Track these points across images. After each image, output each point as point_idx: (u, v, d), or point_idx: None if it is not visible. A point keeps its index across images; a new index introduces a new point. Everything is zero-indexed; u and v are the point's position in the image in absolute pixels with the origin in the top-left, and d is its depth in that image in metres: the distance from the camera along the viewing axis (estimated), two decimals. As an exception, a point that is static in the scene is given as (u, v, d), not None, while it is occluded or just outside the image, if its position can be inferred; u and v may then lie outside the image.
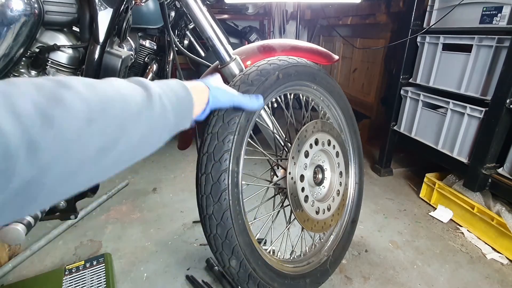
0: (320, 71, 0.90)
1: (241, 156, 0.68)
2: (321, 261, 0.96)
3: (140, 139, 0.41)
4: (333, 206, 0.92)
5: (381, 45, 2.07)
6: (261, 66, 0.75)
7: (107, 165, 0.37)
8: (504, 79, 1.11)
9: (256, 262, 0.71)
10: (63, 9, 0.74)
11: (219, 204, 0.65)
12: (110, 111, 0.36)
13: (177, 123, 0.49)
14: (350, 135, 1.06)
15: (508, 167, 1.18)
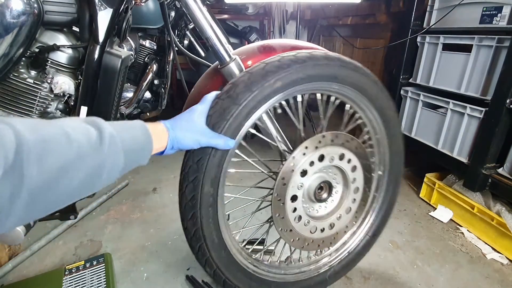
0: (343, 68, 0.76)
1: (220, 176, 0.71)
2: (320, 270, 0.95)
3: (84, 179, 0.41)
4: (338, 224, 0.86)
5: (381, 45, 2.07)
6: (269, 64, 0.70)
7: (41, 206, 0.38)
8: (504, 79, 1.11)
9: (233, 273, 0.81)
10: (62, 9, 0.74)
11: (191, 221, 0.73)
12: (50, 153, 0.37)
13: (128, 163, 0.49)
14: (387, 140, 0.90)
15: (508, 167, 1.18)
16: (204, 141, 0.65)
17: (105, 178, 0.45)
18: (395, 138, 0.91)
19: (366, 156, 0.84)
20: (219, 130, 0.66)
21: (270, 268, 0.89)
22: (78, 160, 0.39)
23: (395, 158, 0.93)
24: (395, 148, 0.92)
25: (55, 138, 0.38)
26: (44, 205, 0.38)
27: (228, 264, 0.79)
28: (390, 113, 0.87)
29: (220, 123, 0.66)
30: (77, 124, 0.42)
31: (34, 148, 0.35)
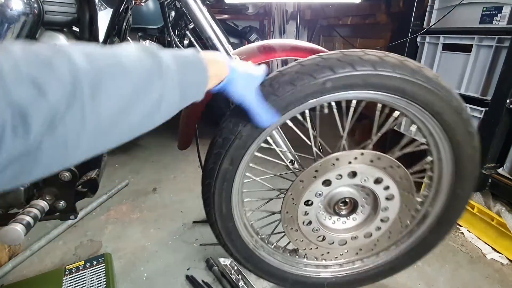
0: (412, 81, 0.64)
1: (242, 157, 0.71)
2: (320, 274, 0.94)
3: (144, 110, 0.39)
4: (351, 244, 0.81)
5: (381, 45, 2.07)
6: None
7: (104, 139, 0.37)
8: (504, 79, 1.11)
9: (232, 242, 0.84)
10: (62, 9, 0.74)
11: (206, 188, 0.76)
12: (111, 82, 0.35)
13: (183, 98, 0.46)
14: (452, 181, 0.76)
15: (508, 167, 1.18)
16: (249, 102, 0.60)
17: (165, 113, 0.43)
18: (465, 182, 0.75)
19: (411, 190, 0.74)
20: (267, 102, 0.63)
21: (271, 254, 0.90)
22: (136, 92, 0.38)
23: (455, 203, 0.78)
24: (459, 192, 0.77)
25: (110, 71, 0.36)
26: (106, 138, 0.37)
27: (230, 234, 0.82)
28: (468, 151, 0.71)
29: (270, 96, 0.64)
30: (133, 53, 0.40)
31: (91, 80, 0.33)
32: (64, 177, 0.79)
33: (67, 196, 0.82)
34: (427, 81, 0.64)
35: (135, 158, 1.97)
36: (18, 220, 0.69)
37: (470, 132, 0.69)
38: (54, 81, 0.30)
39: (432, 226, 0.83)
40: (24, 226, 0.69)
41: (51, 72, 0.31)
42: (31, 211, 0.73)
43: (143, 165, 1.88)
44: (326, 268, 0.94)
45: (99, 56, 0.35)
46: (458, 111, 0.67)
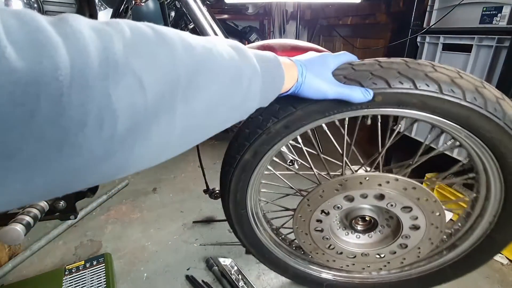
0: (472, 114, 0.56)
1: (266, 152, 0.70)
2: (321, 274, 0.94)
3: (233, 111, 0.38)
4: (360, 259, 0.79)
5: (381, 45, 2.07)
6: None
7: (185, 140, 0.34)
8: (504, 79, 1.11)
9: (241, 228, 0.85)
10: (62, 9, 0.74)
11: (224, 174, 0.77)
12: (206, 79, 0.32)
13: (262, 98, 0.44)
14: (492, 223, 0.69)
15: (508, 167, 1.18)
16: (333, 93, 0.54)
17: (243, 113, 0.41)
18: (505, 228, 0.69)
19: (440, 224, 0.68)
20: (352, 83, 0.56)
21: (277, 245, 0.91)
22: (225, 91, 0.36)
23: (487, 247, 0.73)
24: (495, 237, 0.70)
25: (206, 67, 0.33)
26: (195, 136, 0.35)
27: (240, 220, 0.84)
28: None
29: (383, 89, 0.56)
30: (225, 50, 0.37)
31: (189, 75, 0.30)
32: (64, 177, 0.79)
33: (67, 196, 0.82)
34: (502, 117, 0.54)
35: (135, 158, 1.97)
36: (18, 220, 0.69)
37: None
38: (155, 73, 0.27)
39: (454, 261, 0.78)
40: (24, 226, 0.69)
41: (154, 62, 0.27)
42: (31, 211, 0.73)
43: (143, 165, 1.88)
44: (329, 270, 0.95)
45: (198, 48, 0.32)
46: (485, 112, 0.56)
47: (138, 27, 0.28)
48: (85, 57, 0.22)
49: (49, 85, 0.20)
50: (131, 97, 0.24)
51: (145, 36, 0.27)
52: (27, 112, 0.19)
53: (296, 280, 0.96)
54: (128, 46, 0.25)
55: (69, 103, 0.21)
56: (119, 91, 0.23)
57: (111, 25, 0.26)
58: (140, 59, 0.26)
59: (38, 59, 0.19)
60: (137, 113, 0.25)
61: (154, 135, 0.28)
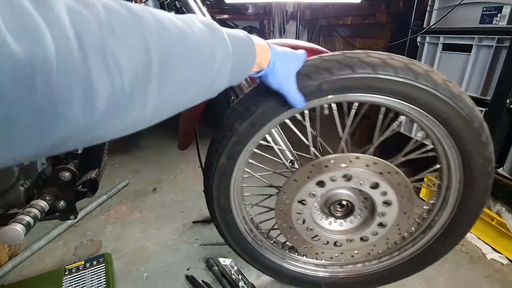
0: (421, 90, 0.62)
1: (240, 153, 0.74)
2: (317, 273, 0.94)
3: (204, 87, 0.40)
4: (346, 246, 0.82)
5: (381, 45, 2.07)
6: None
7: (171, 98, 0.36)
8: (504, 79, 1.11)
9: (231, 234, 0.87)
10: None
11: (206, 180, 0.80)
12: (179, 59, 0.34)
13: (232, 75, 0.45)
14: (460, 184, 0.72)
15: (508, 167, 1.18)
16: (286, 88, 0.59)
17: (211, 92, 0.43)
18: (475, 194, 0.72)
19: (411, 197, 0.72)
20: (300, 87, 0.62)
21: (269, 249, 0.92)
22: (197, 69, 0.38)
23: (464, 214, 0.75)
24: (469, 204, 0.73)
25: (179, 47, 0.35)
26: (166, 111, 0.37)
27: (228, 226, 0.86)
28: (479, 161, 0.67)
29: (326, 78, 0.63)
30: (198, 29, 0.39)
31: (162, 55, 0.32)
32: (64, 177, 0.79)
33: (67, 196, 0.82)
34: (434, 87, 0.62)
35: (135, 158, 1.97)
36: (18, 220, 0.69)
37: (482, 142, 0.66)
38: (130, 53, 0.29)
39: (438, 236, 0.81)
40: (24, 226, 0.69)
41: (128, 43, 0.29)
42: (31, 211, 0.73)
43: (143, 165, 1.88)
44: (325, 268, 0.95)
45: (172, 29, 0.34)
46: (468, 119, 0.64)
47: (113, 7, 0.29)
48: (67, 42, 0.25)
49: (41, 67, 0.23)
50: (109, 76, 0.27)
51: (120, 16, 0.29)
52: (26, 89, 0.23)
53: (295, 283, 0.96)
54: (103, 27, 0.27)
55: (58, 82, 0.24)
56: (98, 71, 0.26)
57: (88, 6, 0.27)
58: (115, 40, 0.28)
59: (31, 45, 0.22)
60: (114, 91, 0.28)
61: (130, 110, 0.31)
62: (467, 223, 0.77)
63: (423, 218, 0.83)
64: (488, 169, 0.68)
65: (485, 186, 0.70)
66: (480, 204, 0.73)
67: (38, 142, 0.26)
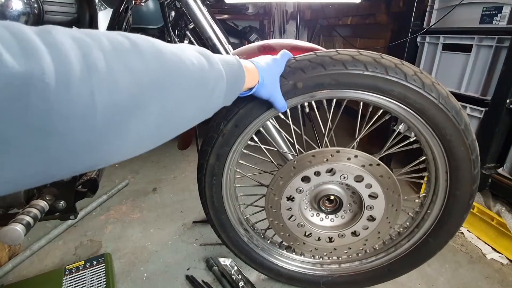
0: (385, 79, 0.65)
1: (228, 154, 0.77)
2: (315, 272, 0.94)
3: (195, 113, 0.42)
4: (339, 242, 0.82)
5: (381, 45, 2.07)
6: None
7: (169, 128, 0.39)
8: (504, 79, 1.11)
9: (226, 233, 0.89)
10: (62, 9, 0.74)
11: (199, 181, 0.82)
12: (173, 85, 0.37)
13: (227, 96, 0.49)
14: (447, 183, 0.74)
15: (508, 167, 1.18)
16: (275, 96, 0.64)
17: (204, 116, 0.46)
18: (461, 183, 0.72)
19: (395, 189, 0.73)
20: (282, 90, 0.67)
21: (266, 248, 0.93)
22: (192, 94, 0.40)
23: (455, 205, 0.75)
24: (458, 194, 0.73)
25: (174, 74, 0.37)
26: (171, 126, 0.39)
27: (223, 226, 0.87)
28: (460, 149, 0.69)
29: (300, 76, 0.67)
30: (193, 56, 0.42)
31: (157, 80, 0.34)
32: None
33: (67, 196, 0.82)
34: (404, 78, 0.64)
35: (135, 158, 1.96)
36: (18, 220, 0.69)
37: (460, 130, 0.67)
38: (130, 76, 0.31)
39: (432, 230, 0.81)
40: (24, 226, 0.69)
41: (129, 67, 0.31)
42: (31, 211, 0.73)
43: (143, 165, 1.88)
44: (322, 266, 0.95)
45: (168, 55, 0.37)
46: (443, 108, 0.66)
47: (114, 36, 0.32)
48: (67, 63, 0.26)
49: (37, 86, 0.23)
50: (109, 95, 0.29)
51: (121, 44, 0.32)
52: (22, 107, 0.23)
53: (292, 282, 0.96)
54: (106, 53, 0.29)
55: (56, 100, 0.25)
56: (99, 90, 0.28)
57: (90, 35, 0.30)
58: (117, 64, 0.30)
59: (29, 65, 0.23)
60: (114, 110, 0.29)
61: (131, 129, 0.32)
62: (459, 215, 0.77)
63: (417, 212, 0.84)
64: (472, 158, 0.69)
65: (471, 175, 0.71)
66: (469, 195, 0.73)
67: (33, 161, 0.25)
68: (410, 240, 0.86)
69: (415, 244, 0.85)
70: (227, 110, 0.72)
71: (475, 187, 0.73)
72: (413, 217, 0.85)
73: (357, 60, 0.65)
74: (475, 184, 0.72)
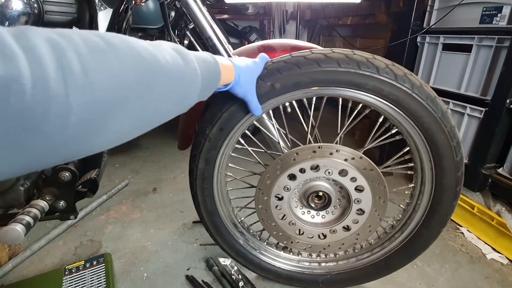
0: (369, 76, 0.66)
1: (216, 157, 0.78)
2: (314, 271, 0.95)
3: (172, 107, 0.44)
4: (331, 237, 0.83)
5: (381, 45, 2.07)
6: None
7: (143, 119, 0.40)
8: (504, 79, 1.11)
9: (221, 236, 0.90)
10: (62, 9, 0.74)
11: (191, 186, 0.83)
12: (154, 83, 0.39)
13: (202, 91, 0.51)
14: (430, 161, 0.74)
15: (508, 167, 1.18)
16: (249, 96, 0.66)
17: (179, 111, 0.47)
18: (446, 171, 0.73)
19: (380, 180, 0.74)
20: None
21: (262, 249, 0.93)
22: (168, 92, 0.42)
23: (443, 194, 0.76)
24: (444, 183, 0.75)
25: (152, 72, 0.39)
26: (142, 126, 0.41)
27: (218, 229, 0.88)
28: (441, 138, 0.69)
29: (277, 77, 0.68)
30: (169, 54, 0.43)
31: (138, 77, 0.36)
32: (64, 177, 0.79)
33: (67, 196, 0.82)
34: (376, 72, 0.66)
35: (135, 158, 1.97)
36: (18, 220, 0.69)
37: (437, 117, 0.68)
38: (105, 76, 0.33)
39: (424, 220, 0.81)
40: (24, 226, 0.69)
41: (103, 67, 0.33)
42: (31, 211, 0.73)
43: (143, 165, 1.88)
44: (320, 265, 0.95)
45: (143, 53, 0.38)
46: (418, 98, 0.67)
47: (88, 37, 0.33)
48: (42, 66, 0.28)
49: (14, 88, 0.26)
50: (83, 95, 0.30)
51: (95, 44, 0.33)
52: (2, 107, 0.25)
53: (291, 282, 0.97)
54: (80, 55, 0.31)
55: (33, 100, 0.27)
56: (74, 91, 0.29)
57: (65, 37, 0.31)
58: (92, 64, 0.31)
59: (7, 69, 0.25)
60: (90, 108, 0.31)
61: (108, 126, 0.34)
62: (448, 203, 0.77)
63: (408, 204, 0.84)
64: (452, 144, 0.70)
65: (454, 162, 0.72)
66: (456, 182, 0.74)
67: (15, 155, 0.28)
68: (404, 232, 0.86)
69: (409, 236, 0.85)
70: (211, 115, 0.73)
71: (460, 174, 0.73)
72: (405, 209, 0.85)
73: (330, 57, 0.67)
74: (459, 170, 0.73)
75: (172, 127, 1.01)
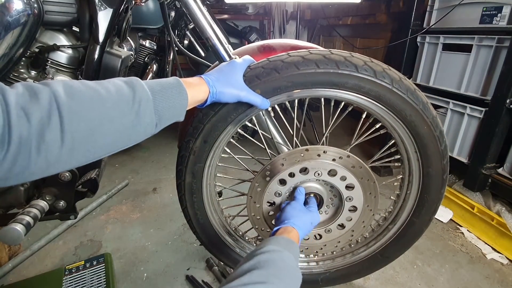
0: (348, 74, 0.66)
1: (203, 170, 0.77)
2: (312, 270, 0.95)
3: (117, 133, 0.46)
4: (327, 237, 0.83)
5: (381, 45, 2.07)
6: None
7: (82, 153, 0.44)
8: (504, 79, 1.11)
9: (217, 249, 0.91)
10: (62, 9, 0.74)
11: (180, 201, 0.82)
12: (83, 110, 0.42)
13: (162, 120, 0.53)
14: (415, 152, 0.75)
15: (508, 167, 1.18)
16: (244, 96, 0.65)
17: (141, 133, 0.50)
18: (432, 160, 0.74)
19: (370, 177, 0.75)
20: (255, 89, 0.67)
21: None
22: (109, 117, 0.44)
23: (431, 183, 0.77)
24: (431, 172, 0.76)
25: (88, 98, 0.43)
26: (84, 153, 0.44)
27: (213, 241, 0.88)
28: (423, 128, 0.70)
29: (257, 84, 0.67)
30: (113, 85, 0.47)
31: (68, 105, 0.40)
32: (64, 177, 0.79)
33: (67, 196, 0.82)
34: (355, 70, 0.66)
35: (135, 158, 1.97)
36: (18, 220, 0.69)
37: (418, 109, 0.69)
38: (37, 109, 0.38)
39: (415, 209, 0.82)
40: (24, 226, 0.69)
41: (36, 103, 0.39)
42: (31, 211, 0.73)
43: (143, 165, 1.88)
44: (318, 264, 0.96)
45: (82, 89, 0.43)
46: (398, 92, 0.67)
47: (32, 86, 0.40)
48: None
49: None
50: (20, 128, 0.37)
51: (36, 87, 0.40)
52: None
53: None
54: (17, 96, 0.38)
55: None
56: (14, 124, 0.36)
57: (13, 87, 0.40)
58: (27, 102, 0.38)
59: None
60: (24, 138, 0.37)
61: (43, 151, 0.39)
62: (437, 191, 0.78)
63: (398, 195, 0.85)
64: (436, 134, 0.71)
65: (439, 151, 0.73)
66: (442, 170, 0.76)
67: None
68: (396, 223, 0.87)
69: (401, 226, 0.86)
70: (193, 128, 0.72)
71: (445, 162, 0.75)
72: (396, 200, 0.86)
73: (307, 59, 0.66)
74: (445, 159, 0.75)
75: (172, 127, 1.00)
